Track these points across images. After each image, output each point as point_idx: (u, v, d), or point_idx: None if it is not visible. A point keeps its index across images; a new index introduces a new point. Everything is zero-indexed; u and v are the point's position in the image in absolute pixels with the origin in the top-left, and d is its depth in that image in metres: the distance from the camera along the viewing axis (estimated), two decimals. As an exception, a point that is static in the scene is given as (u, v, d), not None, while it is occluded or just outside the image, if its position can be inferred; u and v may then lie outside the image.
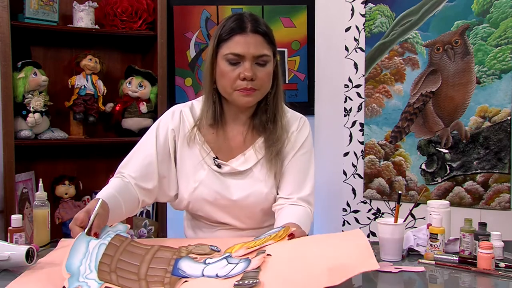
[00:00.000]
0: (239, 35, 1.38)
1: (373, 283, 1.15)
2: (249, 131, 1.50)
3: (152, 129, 1.51)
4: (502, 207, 2.20)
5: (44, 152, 2.53)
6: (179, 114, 1.51)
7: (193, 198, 1.48)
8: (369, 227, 2.58)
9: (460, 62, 2.28)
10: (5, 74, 2.20)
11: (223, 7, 2.77)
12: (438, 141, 2.36)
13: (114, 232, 1.19)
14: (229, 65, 1.39)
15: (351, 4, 2.58)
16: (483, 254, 1.20)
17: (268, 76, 1.43)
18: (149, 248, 1.16)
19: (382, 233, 1.30)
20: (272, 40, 1.43)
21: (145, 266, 1.08)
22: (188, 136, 1.48)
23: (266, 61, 1.41)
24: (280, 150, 1.47)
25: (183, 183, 1.49)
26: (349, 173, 2.61)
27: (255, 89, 1.40)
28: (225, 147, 1.49)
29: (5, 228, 2.19)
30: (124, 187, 1.43)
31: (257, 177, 1.48)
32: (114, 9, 2.50)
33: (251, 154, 1.48)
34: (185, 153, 1.49)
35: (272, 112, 1.48)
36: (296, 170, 1.49)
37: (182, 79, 2.78)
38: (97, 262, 1.04)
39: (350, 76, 2.59)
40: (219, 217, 1.50)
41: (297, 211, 1.42)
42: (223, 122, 1.49)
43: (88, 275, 1.01)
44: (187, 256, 1.15)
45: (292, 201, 1.46)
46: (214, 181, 1.47)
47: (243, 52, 1.38)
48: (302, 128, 1.53)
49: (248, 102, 1.42)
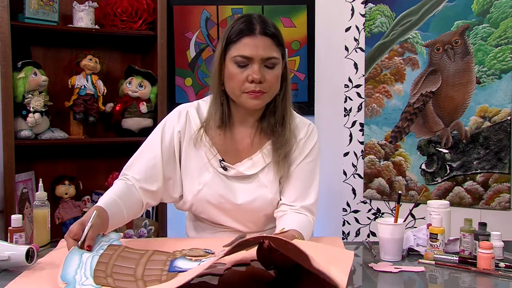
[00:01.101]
0: (247, 37, 1.37)
1: (373, 283, 1.15)
2: (257, 134, 1.48)
3: (158, 129, 1.49)
4: (502, 207, 2.20)
5: (44, 152, 2.53)
6: (186, 115, 1.49)
7: (197, 200, 1.47)
8: (369, 227, 2.58)
9: (460, 62, 2.28)
10: (5, 74, 2.20)
11: (223, 7, 2.77)
12: (438, 141, 2.36)
13: (107, 242, 1.19)
14: (237, 67, 1.38)
15: (351, 4, 2.58)
16: (483, 254, 1.20)
17: (276, 78, 1.41)
18: (143, 252, 1.15)
19: (382, 233, 1.30)
20: (281, 42, 1.42)
21: (141, 268, 1.08)
22: (195, 137, 1.46)
23: (274, 63, 1.39)
24: (288, 153, 1.46)
25: (188, 185, 1.48)
26: (349, 173, 2.61)
27: (264, 92, 1.39)
28: (232, 149, 1.48)
29: (5, 228, 2.19)
30: (127, 191, 1.41)
31: (263, 182, 1.46)
32: (114, 9, 2.50)
33: (259, 158, 1.47)
34: (191, 154, 1.48)
35: (280, 114, 1.46)
36: (302, 177, 1.48)
37: (182, 79, 2.78)
38: (92, 270, 1.05)
39: (350, 76, 2.60)
40: (222, 220, 1.50)
41: (299, 219, 1.41)
42: (230, 124, 1.48)
43: (85, 282, 1.01)
44: (182, 257, 1.15)
45: (295, 209, 1.44)
46: (219, 184, 1.46)
47: (251, 55, 1.36)
48: (311, 135, 1.51)
49: (256, 105, 1.41)
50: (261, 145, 1.48)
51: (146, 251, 1.16)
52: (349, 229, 2.62)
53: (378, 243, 1.32)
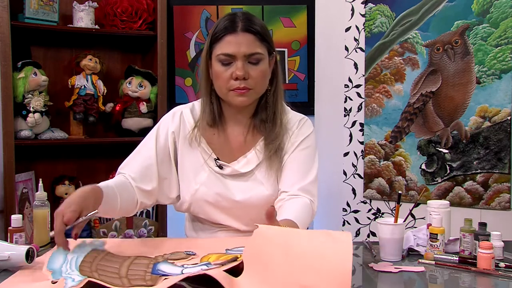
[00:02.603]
0: (230, 34, 1.38)
1: (373, 283, 1.15)
2: (250, 131, 1.49)
3: (153, 131, 1.51)
4: (502, 207, 2.20)
5: (44, 152, 2.53)
6: (179, 116, 1.51)
7: (195, 199, 1.48)
8: (369, 227, 2.58)
9: (460, 62, 2.28)
10: (5, 74, 2.20)
11: (223, 7, 2.77)
12: (438, 141, 2.36)
13: (91, 247, 1.20)
14: (222, 66, 1.39)
15: (351, 4, 2.58)
16: (483, 254, 1.20)
17: (261, 74, 1.40)
18: (126, 258, 1.17)
19: (382, 233, 1.30)
20: (265, 38, 1.41)
21: (125, 268, 1.09)
22: (190, 137, 1.48)
23: (258, 59, 1.39)
24: (279, 147, 1.46)
25: (184, 185, 1.49)
26: (349, 173, 2.61)
27: (249, 88, 1.39)
28: (226, 148, 1.49)
29: (5, 228, 2.19)
30: (124, 185, 1.42)
31: (259, 179, 1.47)
32: (114, 9, 2.50)
33: (253, 155, 1.47)
34: (186, 154, 1.49)
35: (271, 110, 1.47)
36: (296, 164, 1.47)
37: (182, 79, 2.78)
38: (78, 266, 1.08)
39: (350, 76, 2.60)
40: (221, 219, 1.50)
41: (295, 206, 1.39)
42: (223, 123, 1.49)
43: (70, 273, 1.05)
44: (165, 261, 1.16)
45: (291, 193, 1.43)
46: (215, 183, 1.46)
47: (233, 52, 1.37)
48: (303, 126, 1.51)
49: (242, 102, 1.41)
50: (255, 142, 1.49)
51: (129, 257, 1.18)
52: (349, 229, 2.62)
53: (378, 243, 1.32)
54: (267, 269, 0.98)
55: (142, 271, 1.08)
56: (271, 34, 2.77)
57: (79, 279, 1.00)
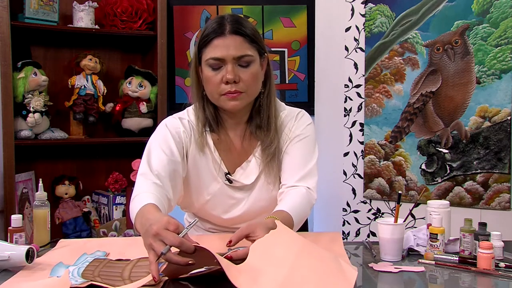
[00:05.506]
0: (217, 38, 1.33)
1: (373, 283, 1.15)
2: (246, 137, 1.47)
3: (163, 131, 1.43)
4: (502, 207, 2.20)
5: (44, 152, 2.54)
6: (187, 121, 1.45)
7: (203, 208, 1.49)
8: (369, 227, 2.58)
9: (460, 62, 2.28)
10: (5, 74, 2.21)
11: (223, 7, 2.77)
12: (438, 141, 2.36)
13: (92, 257, 1.21)
14: (212, 70, 1.35)
15: (351, 4, 2.58)
16: (483, 254, 1.20)
17: (253, 77, 1.36)
18: (128, 262, 1.18)
19: (382, 233, 1.30)
20: (255, 39, 1.37)
21: (127, 272, 1.10)
22: (200, 142, 1.43)
23: (248, 61, 1.35)
24: (275, 151, 1.44)
25: (195, 192, 1.47)
26: (349, 173, 2.61)
27: (241, 92, 1.35)
28: (230, 153, 1.47)
29: (5, 228, 2.19)
30: (163, 197, 1.33)
31: (264, 184, 1.46)
32: (114, 9, 2.50)
33: (254, 163, 1.46)
34: (198, 159, 1.45)
35: (266, 114, 1.43)
36: (294, 155, 1.45)
37: (182, 79, 2.78)
38: (80, 273, 1.09)
39: (350, 76, 2.59)
40: (225, 224, 1.51)
41: (290, 197, 1.38)
42: (222, 129, 1.46)
43: (73, 278, 1.06)
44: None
45: (289, 185, 1.42)
46: (225, 196, 1.46)
47: (222, 55, 1.32)
48: (301, 119, 1.49)
49: (234, 106, 1.36)
50: (252, 148, 1.47)
51: (131, 260, 1.19)
52: (349, 229, 2.62)
53: (378, 243, 1.32)
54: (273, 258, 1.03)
55: (145, 272, 1.09)
56: (271, 34, 2.79)
57: (82, 281, 1.03)
